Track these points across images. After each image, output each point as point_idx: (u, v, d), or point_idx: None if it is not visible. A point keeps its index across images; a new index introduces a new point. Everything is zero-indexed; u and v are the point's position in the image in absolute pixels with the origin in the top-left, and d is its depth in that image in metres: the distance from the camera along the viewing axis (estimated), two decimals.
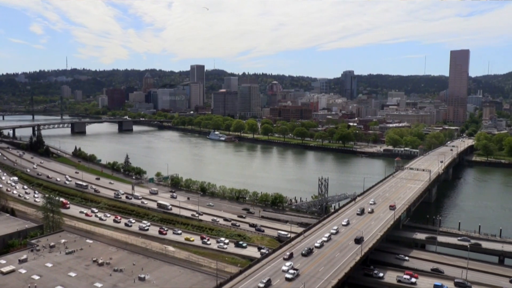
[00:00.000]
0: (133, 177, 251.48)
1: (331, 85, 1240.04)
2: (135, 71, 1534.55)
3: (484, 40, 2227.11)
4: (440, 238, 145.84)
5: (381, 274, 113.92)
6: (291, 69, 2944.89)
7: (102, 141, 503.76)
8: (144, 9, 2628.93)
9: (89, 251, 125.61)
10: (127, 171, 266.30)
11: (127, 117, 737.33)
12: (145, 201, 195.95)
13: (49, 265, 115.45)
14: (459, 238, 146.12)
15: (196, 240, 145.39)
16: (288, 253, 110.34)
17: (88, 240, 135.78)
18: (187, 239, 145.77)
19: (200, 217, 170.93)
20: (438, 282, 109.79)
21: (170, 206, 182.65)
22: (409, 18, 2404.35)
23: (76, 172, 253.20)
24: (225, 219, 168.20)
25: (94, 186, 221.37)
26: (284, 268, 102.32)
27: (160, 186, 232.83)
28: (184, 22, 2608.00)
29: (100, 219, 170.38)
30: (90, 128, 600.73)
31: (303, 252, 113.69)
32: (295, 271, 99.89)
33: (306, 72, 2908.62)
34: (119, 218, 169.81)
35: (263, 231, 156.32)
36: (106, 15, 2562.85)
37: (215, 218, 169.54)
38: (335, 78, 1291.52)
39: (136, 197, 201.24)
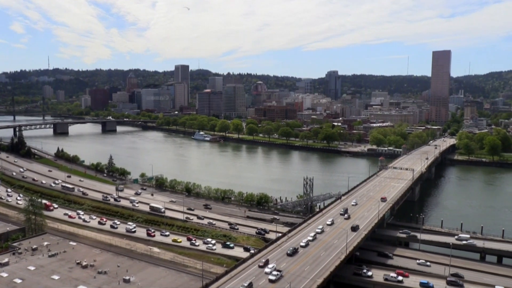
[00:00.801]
0: (115, 179, 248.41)
1: (316, 85, 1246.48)
2: (118, 71, 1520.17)
3: (465, 41, 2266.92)
4: (423, 236, 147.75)
5: (370, 273, 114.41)
6: (276, 69, 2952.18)
7: (85, 142, 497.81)
8: (127, 8, 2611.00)
9: (72, 254, 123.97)
10: (111, 172, 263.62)
11: (110, 117, 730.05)
12: (137, 204, 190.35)
13: (32, 268, 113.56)
14: (456, 237, 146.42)
15: (184, 241, 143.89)
16: (263, 260, 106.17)
17: (71, 243, 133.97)
18: (174, 240, 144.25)
19: (199, 220, 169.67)
20: (424, 280, 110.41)
21: (164, 209, 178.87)
22: (392, 19, 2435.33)
23: (68, 176, 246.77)
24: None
25: (81, 189, 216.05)
26: (267, 270, 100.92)
27: (144, 186, 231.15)
28: (168, 22, 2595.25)
29: (84, 221, 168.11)
30: (73, 129, 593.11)
31: (288, 252, 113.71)
32: (279, 273, 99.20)
33: (291, 72, 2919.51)
34: (104, 220, 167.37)
35: (237, 229, 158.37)
36: (88, 14, 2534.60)
37: (211, 221, 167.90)
38: (320, 78, 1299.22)
39: (132, 201, 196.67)
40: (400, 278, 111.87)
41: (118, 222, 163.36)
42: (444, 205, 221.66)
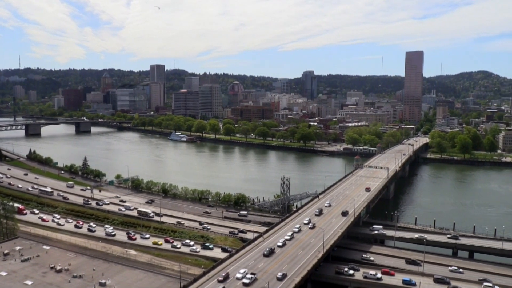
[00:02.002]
0: (94, 182, 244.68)
1: (292, 85, 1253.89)
2: (92, 70, 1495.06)
3: (437, 42, 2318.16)
4: (398, 233, 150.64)
5: (351, 272, 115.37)
6: (252, 69, 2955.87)
7: (59, 143, 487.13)
8: (102, 7, 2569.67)
9: (46, 258, 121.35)
10: (86, 174, 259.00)
11: (84, 118, 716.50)
12: (123, 208, 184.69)
13: (3, 273, 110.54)
14: (448, 236, 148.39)
15: (164, 244, 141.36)
16: (223, 274, 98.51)
17: (45, 247, 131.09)
18: (155, 243, 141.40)
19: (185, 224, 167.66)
20: (406, 277, 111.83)
21: (152, 214, 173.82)
22: (367, 20, 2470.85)
23: (36, 178, 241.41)
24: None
25: (61, 193, 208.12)
26: (239, 275, 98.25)
27: (120, 188, 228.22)
28: (143, 21, 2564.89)
29: (58, 224, 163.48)
30: (46, 130, 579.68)
31: (265, 252, 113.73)
32: (253, 276, 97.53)
33: (267, 72, 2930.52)
34: (80, 223, 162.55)
35: (209, 228, 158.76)
36: (61, 13, 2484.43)
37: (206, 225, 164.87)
38: (296, 78, 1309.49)
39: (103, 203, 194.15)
40: (379, 275, 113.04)
41: (94, 225, 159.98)
42: (417, 202, 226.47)
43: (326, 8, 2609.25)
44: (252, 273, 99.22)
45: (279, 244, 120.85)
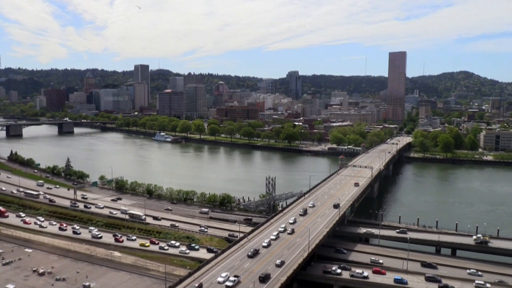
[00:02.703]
0: (76, 183, 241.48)
1: (277, 85, 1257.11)
2: (75, 70, 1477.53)
3: (419, 43, 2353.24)
4: (383, 232, 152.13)
5: (339, 271, 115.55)
6: (237, 69, 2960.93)
7: (41, 144, 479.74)
8: (84, 6, 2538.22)
9: (28, 261, 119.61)
10: (69, 175, 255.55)
11: (67, 118, 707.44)
12: (114, 212, 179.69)
13: None
14: (397, 231, 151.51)
15: (151, 245, 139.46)
16: (196, 285, 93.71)
17: (27, 249, 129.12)
18: (142, 244, 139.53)
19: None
20: (398, 276, 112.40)
21: (144, 217, 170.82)
22: (350, 20, 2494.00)
23: (7, 177, 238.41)
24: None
25: (48, 196, 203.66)
26: (220, 279, 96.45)
27: (104, 190, 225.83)
28: (126, 20, 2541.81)
29: (41, 226, 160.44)
30: (27, 131, 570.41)
31: (249, 254, 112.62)
32: (236, 278, 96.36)
33: (252, 72, 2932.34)
34: (64, 225, 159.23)
35: (207, 231, 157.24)
36: (43, 12, 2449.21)
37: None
38: (281, 78, 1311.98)
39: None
40: (365, 274, 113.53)
41: (78, 227, 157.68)
42: (401, 201, 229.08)
43: (310, 9, 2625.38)
44: (235, 276, 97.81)
45: (264, 244, 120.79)
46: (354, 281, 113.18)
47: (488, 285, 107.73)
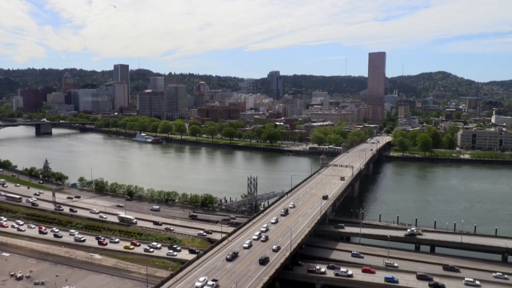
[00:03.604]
0: (58, 185, 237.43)
1: (258, 85, 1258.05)
2: (53, 70, 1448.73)
3: (398, 43, 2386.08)
4: (363, 230, 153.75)
5: (323, 270, 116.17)
6: (218, 69, 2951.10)
7: (18, 145, 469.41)
8: (62, 4, 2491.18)
9: (5, 265, 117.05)
10: (47, 177, 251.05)
11: (45, 119, 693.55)
12: (104, 215, 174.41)
13: None
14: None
15: (136, 248, 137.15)
16: None
17: (4, 253, 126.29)
18: (126, 247, 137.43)
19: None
20: (389, 275, 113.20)
21: (135, 220, 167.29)
22: (331, 21, 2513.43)
23: None
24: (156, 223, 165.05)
25: (31, 199, 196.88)
26: (198, 284, 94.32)
27: (84, 191, 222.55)
28: (105, 20, 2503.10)
29: (19, 230, 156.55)
30: (3, 132, 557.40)
31: (228, 257, 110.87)
32: (214, 282, 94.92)
33: (233, 72, 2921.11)
34: (44, 228, 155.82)
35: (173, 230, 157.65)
36: (19, 10, 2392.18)
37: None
38: (262, 78, 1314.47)
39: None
40: (350, 272, 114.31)
41: (57, 229, 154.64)
42: (381, 199, 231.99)
43: (291, 9, 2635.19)
44: (213, 280, 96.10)
45: (245, 245, 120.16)
46: (336, 279, 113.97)
47: (477, 282, 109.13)
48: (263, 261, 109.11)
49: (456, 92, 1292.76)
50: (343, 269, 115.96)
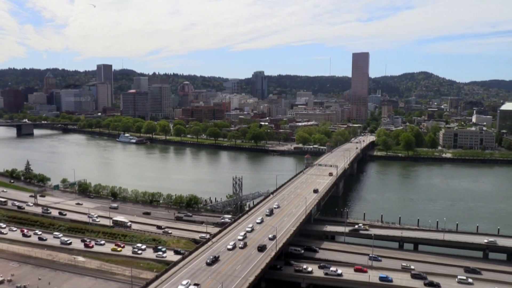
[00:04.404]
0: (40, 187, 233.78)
1: (243, 86, 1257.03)
2: (34, 70, 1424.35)
3: (381, 44, 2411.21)
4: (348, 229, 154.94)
5: (310, 269, 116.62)
6: (203, 69, 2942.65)
7: None
8: (43, 3, 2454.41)
9: None
10: (29, 179, 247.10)
11: (26, 120, 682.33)
12: (97, 219, 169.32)
13: None
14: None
15: (124, 250, 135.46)
16: None
17: None
18: (114, 249, 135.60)
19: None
20: (383, 274, 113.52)
21: (130, 223, 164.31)
22: (314, 21, 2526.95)
23: None
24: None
25: (17, 203, 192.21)
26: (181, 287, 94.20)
27: (67, 193, 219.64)
28: (88, 19, 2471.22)
29: (0, 233, 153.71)
30: None
31: (207, 261, 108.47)
32: (196, 286, 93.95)
33: (218, 72, 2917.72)
34: (26, 231, 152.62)
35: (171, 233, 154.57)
36: None
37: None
38: (246, 78, 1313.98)
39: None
40: (339, 271, 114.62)
41: (40, 232, 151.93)
42: (365, 198, 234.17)
43: (275, 9, 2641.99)
44: (195, 284, 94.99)
45: (229, 247, 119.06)
46: (321, 278, 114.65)
47: (470, 280, 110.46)
48: (249, 261, 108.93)
49: (438, 92, 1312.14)
50: (333, 268, 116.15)
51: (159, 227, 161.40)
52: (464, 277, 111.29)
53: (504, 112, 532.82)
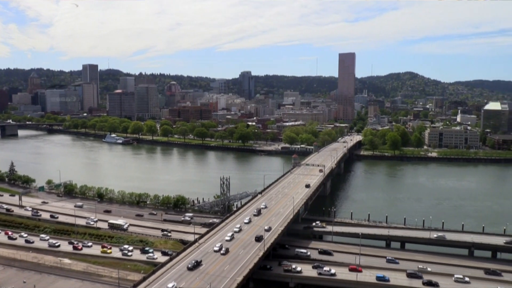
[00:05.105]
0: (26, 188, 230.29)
1: (230, 86, 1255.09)
2: (19, 70, 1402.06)
3: (367, 44, 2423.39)
4: (336, 228, 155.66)
5: (299, 268, 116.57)
6: (190, 69, 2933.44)
7: None
8: (28, 2, 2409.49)
9: None
10: (13, 180, 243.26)
11: (10, 121, 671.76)
12: (91, 222, 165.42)
13: None
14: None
15: (113, 252, 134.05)
16: None
17: None
18: (104, 251, 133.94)
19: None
20: (380, 273, 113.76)
21: (126, 226, 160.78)
22: (301, 22, 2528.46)
23: None
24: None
25: (5, 206, 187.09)
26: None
27: (52, 194, 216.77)
28: (74, 18, 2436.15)
29: None
30: None
31: (189, 266, 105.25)
32: None
33: (205, 72, 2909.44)
34: (11, 233, 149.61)
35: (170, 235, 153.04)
36: None
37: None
38: (233, 78, 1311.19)
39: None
40: (333, 271, 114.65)
41: (25, 235, 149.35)
42: (353, 198, 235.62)
43: (262, 10, 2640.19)
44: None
45: (215, 249, 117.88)
46: (310, 277, 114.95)
47: (466, 278, 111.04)
48: (237, 261, 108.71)
49: (423, 92, 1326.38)
50: (326, 268, 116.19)
51: (164, 230, 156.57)
52: (461, 276, 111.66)
53: (487, 112, 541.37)
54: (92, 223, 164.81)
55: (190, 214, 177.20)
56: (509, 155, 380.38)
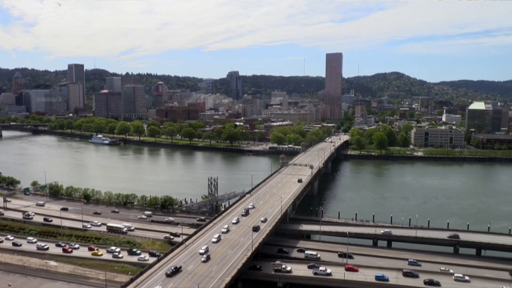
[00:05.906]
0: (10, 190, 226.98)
1: (217, 86, 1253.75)
2: (2, 70, 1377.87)
3: (354, 44, 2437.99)
4: (323, 228, 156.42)
5: (289, 268, 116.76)
6: (177, 69, 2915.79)
7: None
8: (12, 1, 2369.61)
9: None
10: None
11: None
12: (88, 225, 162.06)
13: None
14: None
15: (104, 254, 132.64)
16: None
17: None
18: (94, 254, 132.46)
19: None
20: (379, 273, 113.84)
21: (126, 229, 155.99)
22: (289, 22, 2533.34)
23: None
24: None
25: None
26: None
27: (37, 196, 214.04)
28: (59, 18, 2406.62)
29: None
30: None
31: (168, 272, 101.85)
32: None
33: (192, 72, 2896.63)
34: None
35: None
36: None
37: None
38: (221, 78, 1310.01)
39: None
40: (328, 271, 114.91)
41: (11, 237, 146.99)
42: (340, 197, 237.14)
43: (249, 10, 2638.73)
44: None
45: (202, 251, 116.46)
46: (298, 277, 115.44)
47: (466, 277, 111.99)
48: (226, 261, 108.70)
49: (409, 92, 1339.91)
50: (322, 267, 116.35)
51: (173, 234, 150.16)
52: (461, 275, 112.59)
53: (472, 112, 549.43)
54: (89, 226, 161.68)
55: (172, 219, 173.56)
56: (493, 154, 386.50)
